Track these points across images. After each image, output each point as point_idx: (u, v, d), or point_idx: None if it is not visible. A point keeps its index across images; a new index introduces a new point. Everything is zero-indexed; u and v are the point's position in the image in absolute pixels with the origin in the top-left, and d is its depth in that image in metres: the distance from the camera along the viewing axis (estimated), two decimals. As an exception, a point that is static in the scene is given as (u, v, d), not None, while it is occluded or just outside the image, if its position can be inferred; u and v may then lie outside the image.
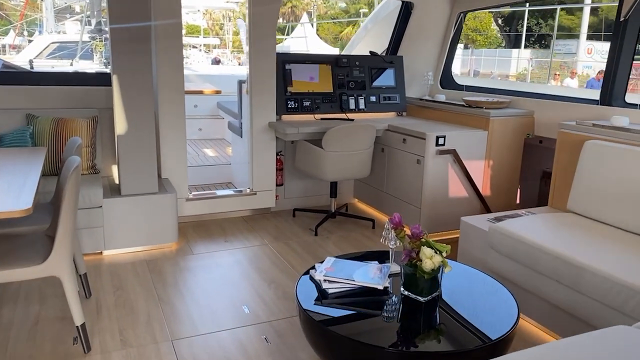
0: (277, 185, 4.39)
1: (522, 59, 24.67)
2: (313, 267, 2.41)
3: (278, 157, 4.39)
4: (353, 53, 6.00)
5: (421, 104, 4.64)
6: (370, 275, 2.31)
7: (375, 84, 4.61)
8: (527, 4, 23.27)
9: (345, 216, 4.31)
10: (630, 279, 2.15)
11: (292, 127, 3.94)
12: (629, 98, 3.49)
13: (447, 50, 4.83)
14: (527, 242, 2.59)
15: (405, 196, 4.00)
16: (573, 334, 2.39)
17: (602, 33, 21.77)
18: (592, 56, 22.67)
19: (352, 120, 4.30)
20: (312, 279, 2.33)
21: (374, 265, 2.41)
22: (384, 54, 5.00)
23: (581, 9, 23.32)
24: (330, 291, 2.22)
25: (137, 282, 3.12)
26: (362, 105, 4.52)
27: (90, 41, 12.16)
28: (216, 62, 19.18)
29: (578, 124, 3.22)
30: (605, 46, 23.48)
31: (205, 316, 2.74)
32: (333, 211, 4.20)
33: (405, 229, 2.30)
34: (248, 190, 4.32)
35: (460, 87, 4.76)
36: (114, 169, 3.92)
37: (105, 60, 11.37)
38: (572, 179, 3.20)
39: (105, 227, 3.41)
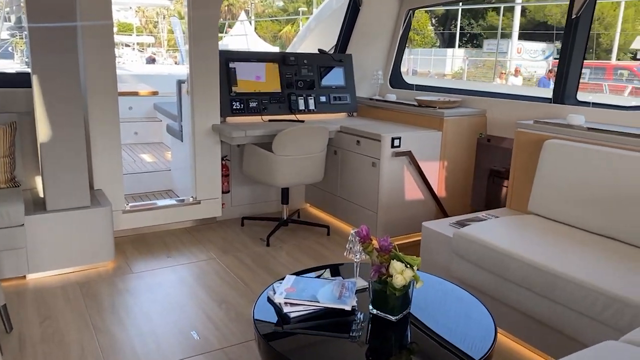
0: (223, 192, 4.10)
1: (456, 58, 25.38)
2: (271, 287, 2.17)
3: (223, 162, 4.09)
4: (298, 51, 5.77)
5: (372, 104, 4.49)
6: (335, 294, 2.09)
7: (325, 83, 4.41)
8: (461, 4, 23.92)
9: (298, 223, 4.08)
10: (606, 285, 2.06)
11: (238, 130, 3.66)
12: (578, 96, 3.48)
13: (396, 49, 4.71)
14: (495, 248, 2.47)
15: (361, 200, 3.83)
16: (549, 346, 2.29)
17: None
18: (522, 55, 23.67)
19: (303, 121, 4.08)
20: (270, 301, 2.09)
21: (338, 282, 2.20)
22: (331, 51, 4.81)
23: (512, 10, 24.25)
24: (292, 315, 1.99)
25: (68, 309, 2.75)
26: (312, 106, 4.31)
27: (10, 38, 11.22)
28: (151, 60, 18.41)
29: (536, 122, 3.16)
30: (533, 45, 24.58)
31: (149, 346, 2.43)
32: (285, 218, 3.96)
33: (373, 241, 2.11)
34: (191, 199, 4.00)
35: (410, 87, 4.65)
36: (38, 181, 3.49)
37: (27, 59, 10.53)
38: (530, 179, 3.13)
39: (28, 248, 3.00)
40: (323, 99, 4.38)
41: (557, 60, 3.55)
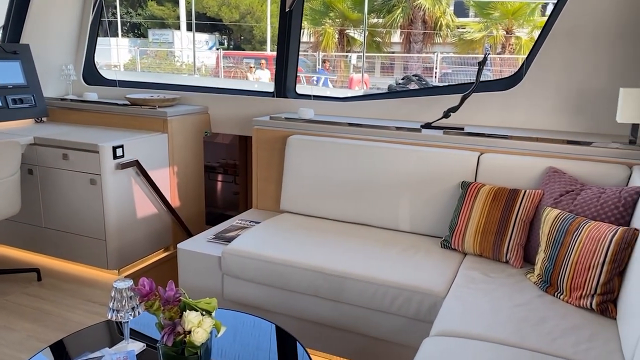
0: None
1: (121, 47, 24.09)
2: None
3: None
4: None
5: (67, 105, 3.65)
6: (115, 378, 1.54)
7: (-3, 82, 3.34)
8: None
9: (-10, 273, 3.02)
10: (389, 277, 2.10)
11: None
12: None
13: (87, 38, 3.94)
14: (273, 260, 2.27)
15: (80, 228, 3.06)
16: (350, 350, 2.23)
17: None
18: (188, 45, 24.14)
19: (-27, 136, 3.00)
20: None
21: (111, 358, 1.63)
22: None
23: (172, 0, 24.36)
24: None
25: None
26: (-18, 113, 3.21)
27: None
28: None
29: (272, 119, 3.07)
30: (198, 36, 25.33)
31: None
32: (-32, 272, 2.87)
33: (157, 295, 1.61)
34: None
35: (112, 83, 3.98)
36: None
37: None
38: (273, 177, 3.05)
39: None
40: (-3, 102, 3.32)
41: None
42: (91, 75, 4.06)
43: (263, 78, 14.00)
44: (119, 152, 2.97)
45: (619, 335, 1.68)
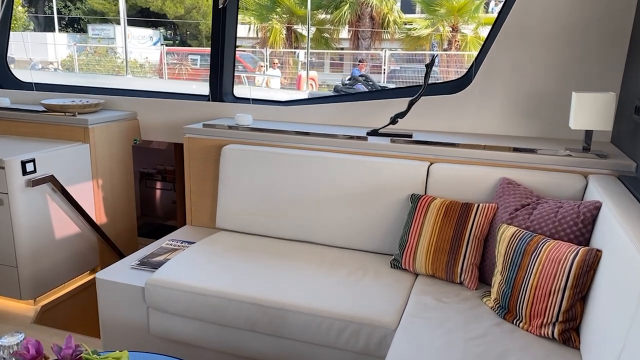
0: None
1: (59, 44, 22.88)
2: None
3: None
4: None
5: (-27, 112, 3.23)
6: None
7: None
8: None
9: None
10: (333, 307, 1.89)
11: None
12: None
13: (-4, 36, 3.52)
14: (204, 292, 2.01)
15: (-14, 254, 2.69)
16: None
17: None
18: (130, 41, 23.17)
19: None
20: None
21: None
22: None
23: (113, -6, 23.32)
24: None
25: None
26: None
27: None
28: None
29: (205, 126, 2.78)
30: (141, 31, 24.44)
31: None
32: None
33: (46, 359, 1.32)
34: None
35: (27, 87, 3.57)
36: None
37: None
38: (209, 190, 2.77)
39: None
40: None
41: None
42: (3, 77, 3.63)
43: (274, 83, 10.35)
44: (29, 167, 2.61)
45: (583, 370, 1.53)
